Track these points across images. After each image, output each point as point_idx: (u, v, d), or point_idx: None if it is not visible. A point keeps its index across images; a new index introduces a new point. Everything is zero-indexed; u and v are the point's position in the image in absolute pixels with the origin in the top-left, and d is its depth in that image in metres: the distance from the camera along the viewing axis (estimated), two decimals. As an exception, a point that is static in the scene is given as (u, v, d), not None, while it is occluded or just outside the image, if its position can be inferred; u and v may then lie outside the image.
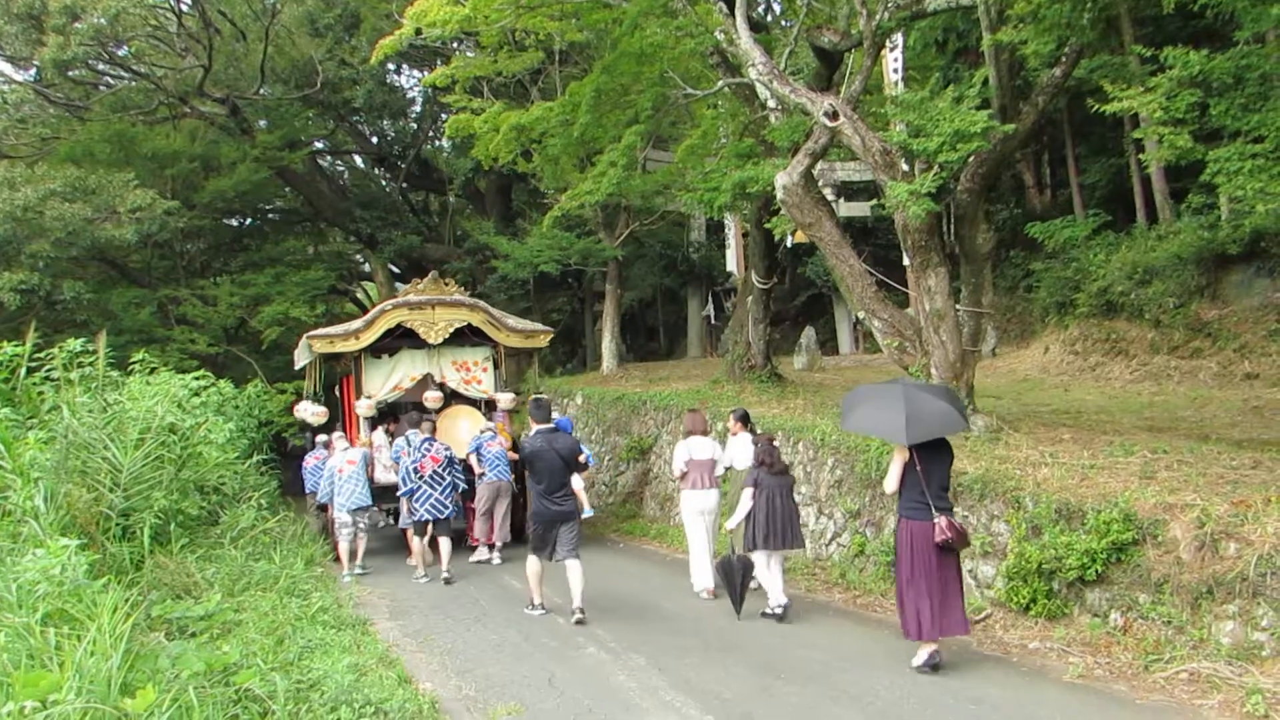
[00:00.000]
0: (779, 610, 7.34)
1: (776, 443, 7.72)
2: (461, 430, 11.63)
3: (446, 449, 10.13)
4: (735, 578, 7.44)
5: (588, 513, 8.78)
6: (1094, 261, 13.94)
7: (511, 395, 12.40)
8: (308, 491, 12.45)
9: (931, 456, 5.94)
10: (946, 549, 5.86)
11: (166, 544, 8.31)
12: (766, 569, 7.41)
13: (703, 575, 8.44)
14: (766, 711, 5.34)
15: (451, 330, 12.00)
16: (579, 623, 7.38)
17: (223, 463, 11.21)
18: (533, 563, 7.82)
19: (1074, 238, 14.61)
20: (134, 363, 11.58)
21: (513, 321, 12.73)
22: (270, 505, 11.89)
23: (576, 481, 8.09)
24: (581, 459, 8.36)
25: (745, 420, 8.35)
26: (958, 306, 8.97)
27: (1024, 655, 6.27)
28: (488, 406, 12.32)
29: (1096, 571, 6.19)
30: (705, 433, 8.69)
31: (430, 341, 11.96)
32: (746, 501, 7.35)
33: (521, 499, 11.09)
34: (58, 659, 4.60)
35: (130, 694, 4.28)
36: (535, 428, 7.93)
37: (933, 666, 5.91)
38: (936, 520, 5.82)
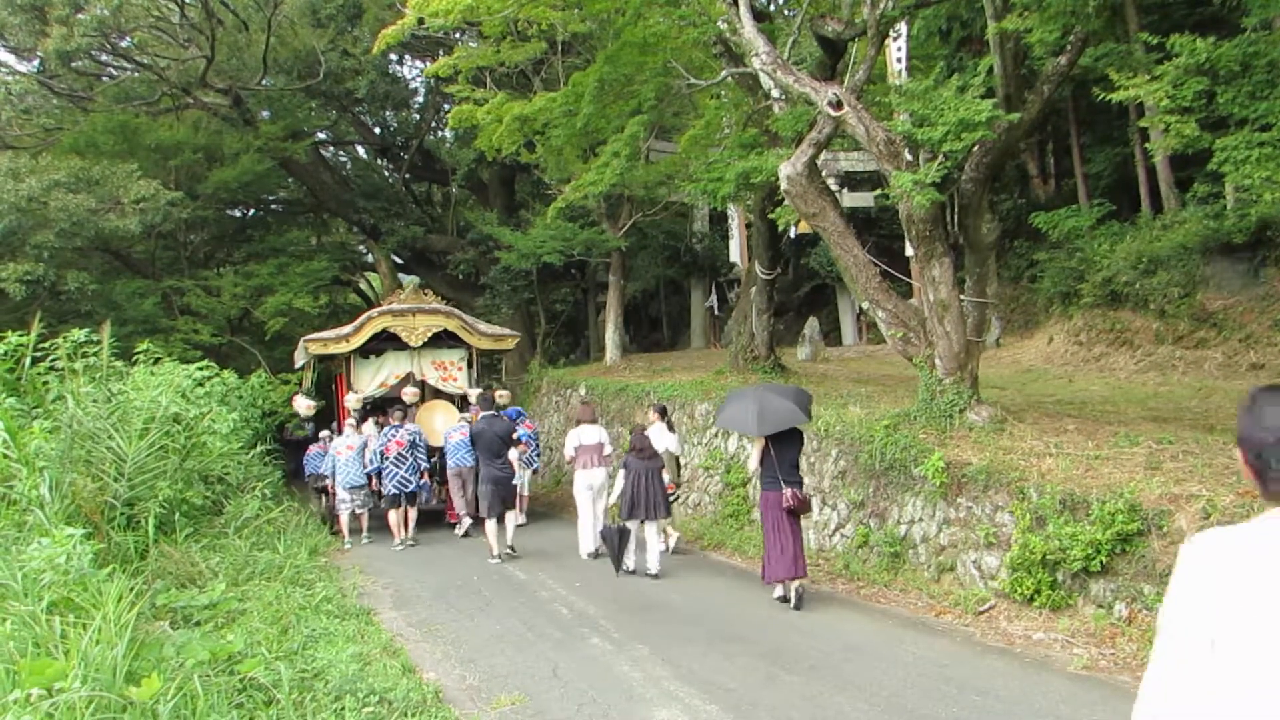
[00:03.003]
0: (652, 572, 8.73)
1: (648, 431, 9.36)
2: (437, 422, 13.10)
3: (411, 434, 11.80)
4: (614, 542, 9.04)
5: (521, 478, 11.02)
6: (1098, 251, 13.87)
7: (480, 390, 13.41)
8: (308, 474, 13.97)
9: (781, 444, 7.57)
10: (791, 513, 7.43)
11: (171, 533, 8.36)
12: (650, 538, 8.87)
13: (586, 541, 9.98)
14: (771, 701, 5.34)
15: (430, 334, 13.58)
16: (509, 549, 10.06)
17: (227, 453, 11.30)
18: (490, 525, 9.85)
19: (1078, 227, 14.54)
20: (138, 353, 11.64)
21: (483, 327, 14.49)
22: (274, 495, 12.02)
23: (513, 454, 10.35)
24: (515, 436, 10.67)
25: (663, 413, 9.98)
26: (962, 297, 8.93)
27: (1028, 646, 6.27)
28: (464, 401, 13.58)
29: (1101, 562, 6.19)
30: (594, 421, 10.41)
31: (411, 344, 13.49)
32: (619, 482, 9.06)
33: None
34: (63, 647, 4.62)
35: (135, 682, 4.30)
36: (481, 413, 10.32)
37: (784, 599, 7.49)
38: (784, 491, 7.40)
